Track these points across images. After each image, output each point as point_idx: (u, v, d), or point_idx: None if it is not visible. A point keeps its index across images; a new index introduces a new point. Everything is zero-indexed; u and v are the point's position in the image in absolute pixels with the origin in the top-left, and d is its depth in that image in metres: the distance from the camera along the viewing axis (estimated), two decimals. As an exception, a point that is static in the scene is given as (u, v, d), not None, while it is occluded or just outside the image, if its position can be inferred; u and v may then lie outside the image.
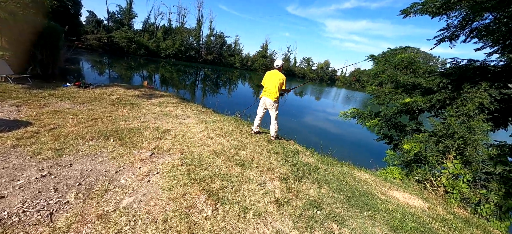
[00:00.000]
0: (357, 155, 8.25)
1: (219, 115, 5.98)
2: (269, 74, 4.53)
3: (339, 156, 5.81)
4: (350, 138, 11.09)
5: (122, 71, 19.80)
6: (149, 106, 5.48)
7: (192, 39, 47.84)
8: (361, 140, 11.21)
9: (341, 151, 7.64)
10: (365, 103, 30.26)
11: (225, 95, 16.42)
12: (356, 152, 8.74)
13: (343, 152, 7.59)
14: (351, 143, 10.07)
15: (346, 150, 8.44)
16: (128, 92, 6.75)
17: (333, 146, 8.62)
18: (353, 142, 10.43)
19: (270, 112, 4.58)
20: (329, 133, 11.29)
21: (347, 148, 9.12)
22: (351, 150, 8.94)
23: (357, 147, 9.73)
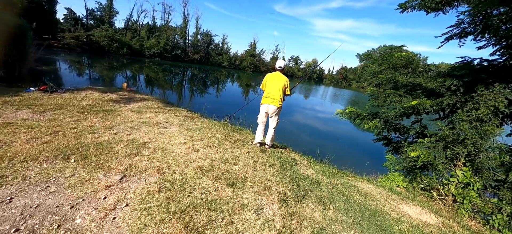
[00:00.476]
0: (352, 156, 8.01)
1: (207, 121, 5.43)
2: (271, 77, 4.02)
3: (336, 161, 5.46)
4: (342, 137, 10.91)
5: (103, 72, 18.56)
6: (126, 113, 4.82)
7: (178, 37, 46.37)
8: (354, 139, 11.05)
9: (336, 152, 7.33)
10: (352, 101, 30.60)
11: (213, 95, 15.78)
12: (351, 153, 8.50)
13: (338, 153, 7.28)
14: (344, 142, 9.86)
15: (340, 151, 8.16)
16: (103, 96, 6.02)
17: (327, 147, 8.36)
18: (346, 141, 10.24)
19: (271, 120, 4.10)
20: (321, 132, 11.03)
21: (341, 148, 8.87)
22: (346, 150, 8.69)
23: (350, 146, 9.52)
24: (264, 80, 4.06)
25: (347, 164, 5.96)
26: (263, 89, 4.13)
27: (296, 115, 13.39)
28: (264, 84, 4.06)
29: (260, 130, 4.20)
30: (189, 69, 35.65)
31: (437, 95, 3.97)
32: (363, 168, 6.48)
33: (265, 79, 4.06)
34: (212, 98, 14.02)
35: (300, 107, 17.13)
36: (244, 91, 21.37)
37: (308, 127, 11.57)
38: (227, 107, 11.97)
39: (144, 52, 39.16)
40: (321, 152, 6.59)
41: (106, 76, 16.61)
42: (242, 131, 5.30)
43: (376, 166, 6.99)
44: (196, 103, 10.78)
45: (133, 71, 23.44)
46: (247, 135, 5.07)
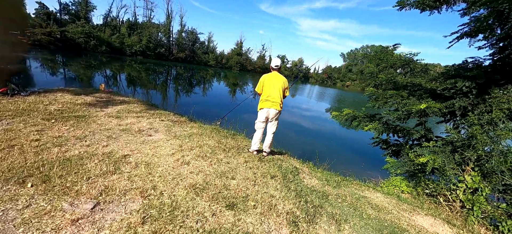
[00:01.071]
0: (345, 157, 7.86)
1: (196, 126, 4.94)
2: (270, 78, 3.63)
3: (334, 164, 5.20)
4: (330, 135, 10.82)
5: (80, 71, 17.20)
6: (103, 118, 4.21)
7: (162, 35, 44.66)
8: (342, 137, 11.00)
9: (329, 154, 7.12)
10: (338, 100, 31.07)
11: (201, 96, 15.13)
12: (343, 153, 8.36)
13: (331, 155, 7.07)
14: (335, 142, 9.74)
15: (333, 152, 7.98)
16: (76, 99, 5.31)
17: (318, 147, 8.15)
18: (336, 140, 10.13)
19: (270, 125, 3.72)
20: (311, 131, 10.88)
21: (333, 148, 8.72)
22: (338, 151, 8.54)
23: (342, 146, 9.40)
24: (261, 82, 3.67)
25: (344, 167, 5.74)
26: (259, 92, 3.73)
27: (285, 114, 13.13)
28: (261, 86, 3.67)
29: (258, 136, 3.81)
30: (173, 68, 34.38)
31: (443, 98, 3.83)
32: (361, 171, 6.32)
33: (262, 81, 3.66)
34: (199, 99, 13.41)
35: (288, 107, 16.94)
36: (233, 91, 20.86)
37: (297, 126, 11.38)
38: (217, 108, 11.49)
39: (125, 50, 37.25)
40: (314, 154, 6.34)
41: (83, 75, 15.36)
42: (236, 136, 4.87)
43: (372, 167, 6.88)
44: (183, 105, 10.16)
45: (113, 70, 22.06)
46: (241, 140, 4.66)
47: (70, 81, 12.51)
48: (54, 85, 8.87)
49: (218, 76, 35.78)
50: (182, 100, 12.32)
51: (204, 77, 29.61)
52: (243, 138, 4.93)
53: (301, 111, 16.18)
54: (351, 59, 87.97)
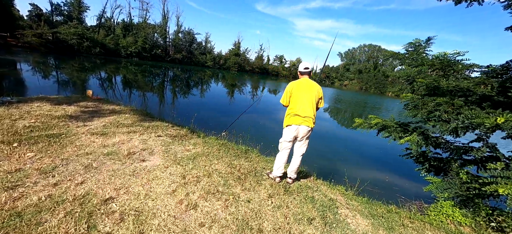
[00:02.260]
0: (360, 163, 7.05)
1: (200, 142, 4.09)
2: (299, 87, 2.81)
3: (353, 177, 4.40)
4: (332, 135, 9.97)
5: (73, 74, 16.21)
6: (84, 137, 3.35)
7: (158, 36, 43.63)
8: (349, 139, 10.14)
9: (343, 161, 6.32)
10: (336, 99, 30.32)
11: (200, 99, 14.24)
12: (355, 158, 7.54)
13: (345, 162, 6.27)
14: (339, 143, 8.88)
15: (345, 157, 7.17)
16: (54, 111, 4.43)
17: (326, 152, 7.30)
18: (340, 141, 9.26)
19: (299, 145, 2.92)
20: (324, 136, 9.99)
21: (342, 152, 7.87)
22: (348, 155, 7.70)
23: (349, 147, 8.56)
24: (288, 92, 2.84)
25: (367, 181, 4.95)
26: (285, 104, 2.91)
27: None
28: (288, 97, 2.84)
29: (282, 160, 2.99)
30: (170, 70, 33.40)
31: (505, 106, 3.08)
32: (388, 188, 5.54)
33: (289, 90, 2.84)
34: (199, 104, 12.52)
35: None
36: (233, 93, 19.99)
37: None
38: (219, 114, 10.62)
39: (120, 52, 36.20)
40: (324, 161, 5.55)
41: (76, 78, 14.38)
42: (249, 154, 4.04)
43: (398, 180, 6.10)
44: (182, 111, 9.27)
45: (108, 72, 21.07)
46: (256, 159, 3.83)
47: (62, 85, 11.56)
48: (43, 90, 7.96)
49: (217, 77, 34.85)
50: (180, 105, 11.44)
51: (202, 79, 28.69)
52: (257, 155, 4.10)
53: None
54: (349, 58, 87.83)
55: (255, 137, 5.51)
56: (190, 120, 5.99)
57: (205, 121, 7.72)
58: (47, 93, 7.00)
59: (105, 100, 6.29)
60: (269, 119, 10.80)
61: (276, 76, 64.75)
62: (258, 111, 12.30)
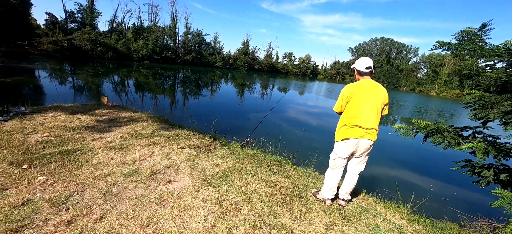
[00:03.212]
0: (392, 166, 6.35)
1: (228, 152, 3.63)
2: (361, 89, 2.23)
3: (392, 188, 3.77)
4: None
5: (88, 79, 16.33)
6: (101, 153, 2.96)
7: (168, 38, 43.94)
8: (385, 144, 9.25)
9: (381, 167, 5.65)
10: None
11: (214, 101, 13.88)
12: (385, 161, 6.82)
13: (378, 169, 5.60)
14: (383, 155, 8.09)
15: (384, 164, 6.49)
16: (69, 121, 4.11)
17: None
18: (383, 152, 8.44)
19: (356, 162, 2.40)
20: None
21: (379, 159, 7.17)
22: (387, 161, 6.99)
23: (386, 153, 7.78)
24: (345, 96, 2.28)
25: (411, 192, 4.31)
26: (339, 111, 2.37)
27: (313, 119, 11.65)
28: (345, 102, 2.29)
29: (335, 180, 2.46)
30: (181, 72, 33.45)
31: None
32: (436, 198, 4.86)
33: (348, 94, 2.26)
34: (214, 106, 12.13)
35: (307, 106, 15.44)
36: (245, 93, 19.52)
37: (328, 133, 9.78)
38: (236, 116, 10.12)
39: (132, 55, 36.71)
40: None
41: (91, 83, 14.42)
42: (283, 166, 3.54)
43: (442, 189, 5.39)
44: (198, 115, 8.88)
45: (121, 76, 21.20)
46: (293, 172, 3.32)
47: (77, 91, 11.54)
48: (59, 98, 7.85)
49: (227, 77, 34.57)
50: (196, 109, 11.09)
51: (211, 79, 28.45)
52: (293, 167, 3.59)
53: (322, 111, 14.67)
54: (360, 53, 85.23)
55: (280, 142, 4.99)
56: (211, 125, 5.56)
57: (223, 125, 7.29)
58: (64, 100, 6.81)
59: (121, 107, 5.97)
60: (286, 120, 10.22)
61: (285, 74, 63.81)
62: (273, 111, 11.77)
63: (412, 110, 20.94)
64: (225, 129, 6.66)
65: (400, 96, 37.89)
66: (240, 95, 18.12)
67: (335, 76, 77.59)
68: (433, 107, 25.07)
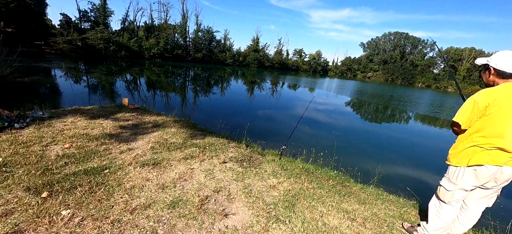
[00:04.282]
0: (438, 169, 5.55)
1: (279, 170, 3.02)
2: (509, 99, 1.53)
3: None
4: (369, 132, 8.27)
5: (102, 78, 16.19)
6: (133, 172, 2.42)
7: (178, 36, 43.83)
8: (379, 133, 8.32)
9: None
10: (358, 91, 27.62)
11: (231, 99, 13.31)
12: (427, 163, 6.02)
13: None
14: (384, 140, 7.19)
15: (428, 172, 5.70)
16: (91, 128, 3.62)
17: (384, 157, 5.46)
18: (383, 138, 7.53)
19: (485, 195, 1.73)
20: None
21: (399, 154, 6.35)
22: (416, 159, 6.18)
23: (402, 147, 6.93)
24: (483, 105, 1.59)
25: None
26: (466, 125, 1.69)
27: (341, 120, 10.85)
28: (476, 112, 1.61)
29: (450, 217, 1.81)
30: (192, 70, 33.19)
31: None
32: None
33: (486, 101, 1.58)
34: (234, 105, 11.55)
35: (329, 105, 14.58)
36: (249, 89, 18.87)
37: (367, 137, 8.96)
38: (260, 118, 9.40)
39: (144, 54, 36.81)
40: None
41: (105, 82, 14.21)
42: (346, 184, 2.90)
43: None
44: (221, 115, 8.30)
45: (134, 74, 21.05)
46: (361, 194, 2.68)
47: (92, 90, 11.27)
48: (76, 99, 7.49)
49: (239, 75, 34.02)
50: (215, 108, 10.56)
51: (222, 77, 27.95)
52: (357, 186, 2.94)
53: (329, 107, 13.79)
54: (372, 48, 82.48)
55: (314, 150, 4.36)
56: (237, 129, 4.98)
57: (255, 129, 6.59)
58: (81, 100, 6.43)
59: (143, 109, 5.48)
60: (309, 122, 9.49)
61: (295, 71, 62.60)
62: (277, 107, 11.07)
63: (427, 106, 19.70)
64: (251, 131, 6.05)
65: (415, 92, 36.17)
66: (253, 93, 17.49)
67: (346, 72, 75.62)
68: (450, 105, 23.60)
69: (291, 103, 14.11)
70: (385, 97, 23.34)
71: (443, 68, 64.33)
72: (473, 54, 58.08)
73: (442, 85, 58.16)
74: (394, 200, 2.85)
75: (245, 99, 13.76)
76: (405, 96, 27.71)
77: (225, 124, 6.13)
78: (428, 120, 13.56)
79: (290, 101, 15.09)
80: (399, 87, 45.30)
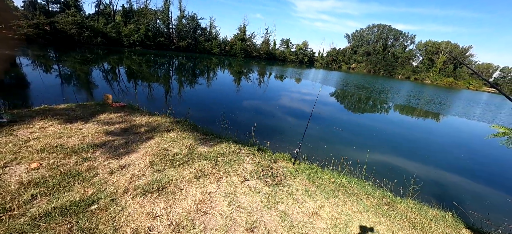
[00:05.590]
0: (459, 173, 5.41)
1: (311, 187, 2.52)
2: None
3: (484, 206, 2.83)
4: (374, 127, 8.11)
5: (76, 67, 14.50)
6: (133, 205, 1.78)
7: (160, 22, 41.17)
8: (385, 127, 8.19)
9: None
10: (344, 82, 27.92)
11: (224, 92, 12.51)
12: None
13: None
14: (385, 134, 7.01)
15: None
16: (67, 134, 2.85)
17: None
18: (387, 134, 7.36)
19: None
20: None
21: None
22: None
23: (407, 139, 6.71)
24: None
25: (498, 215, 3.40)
26: None
27: (341, 116, 10.55)
28: None
29: None
30: (176, 59, 31.45)
31: None
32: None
33: None
34: (235, 99, 10.79)
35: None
36: (235, 80, 18.16)
37: (370, 133, 8.70)
38: (258, 113, 8.71)
39: (123, 41, 34.16)
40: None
41: (79, 73, 12.69)
42: (387, 200, 2.47)
43: None
44: (227, 113, 7.57)
45: (112, 63, 19.33)
46: (405, 210, 2.27)
47: (65, 81, 9.92)
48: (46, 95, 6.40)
49: (226, 65, 32.83)
50: (211, 101, 9.76)
51: (208, 66, 26.72)
52: (400, 201, 2.53)
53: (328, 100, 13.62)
54: (356, 40, 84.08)
55: (330, 154, 3.93)
56: (250, 133, 4.42)
57: (252, 127, 5.92)
58: (52, 96, 5.43)
59: (131, 107, 4.66)
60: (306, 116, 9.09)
61: (283, 62, 62.18)
62: (274, 101, 10.59)
63: (405, 98, 20.39)
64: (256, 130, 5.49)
65: (395, 84, 37.50)
66: (240, 85, 16.77)
67: (331, 63, 76.72)
68: (427, 95, 24.70)
69: (287, 96, 13.65)
70: (372, 89, 23.73)
71: (421, 60, 67.31)
72: (449, 47, 61.30)
73: (420, 77, 60.99)
74: (441, 217, 2.48)
75: (241, 92, 13.04)
76: (386, 87, 28.44)
77: (227, 121, 5.51)
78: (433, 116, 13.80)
79: (286, 94, 14.62)
80: (381, 79, 46.64)
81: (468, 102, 23.86)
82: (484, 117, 15.19)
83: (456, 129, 11.03)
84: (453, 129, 11.00)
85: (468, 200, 4.06)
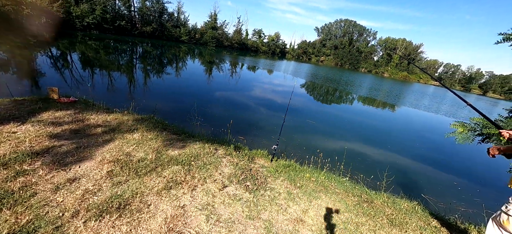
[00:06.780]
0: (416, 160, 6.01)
1: (292, 188, 2.41)
2: None
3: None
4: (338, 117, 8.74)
5: (14, 52, 12.09)
6: (82, 227, 1.44)
7: (120, 4, 37.13)
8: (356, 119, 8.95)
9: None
10: (313, 75, 29.24)
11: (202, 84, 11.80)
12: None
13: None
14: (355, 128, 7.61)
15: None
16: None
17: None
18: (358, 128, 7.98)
19: None
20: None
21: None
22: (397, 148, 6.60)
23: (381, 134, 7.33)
24: None
25: (445, 197, 3.86)
26: None
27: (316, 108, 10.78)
28: None
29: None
30: (140, 46, 28.86)
31: None
32: (475, 205, 4.55)
33: None
34: (206, 91, 10.21)
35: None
36: (207, 69, 17.57)
37: (345, 125, 9.05)
38: (235, 107, 8.39)
39: (74, 23, 30.05)
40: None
41: (18, 59, 10.65)
42: (378, 202, 2.51)
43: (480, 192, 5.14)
44: (199, 107, 7.02)
45: (62, 49, 16.86)
46: (383, 206, 2.33)
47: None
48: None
49: (196, 54, 31.25)
50: (180, 93, 9.07)
51: (177, 55, 25.11)
52: (376, 196, 2.59)
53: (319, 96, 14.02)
54: (325, 33, 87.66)
55: (307, 147, 3.97)
56: (226, 130, 4.16)
57: (222, 120, 5.59)
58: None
59: (84, 103, 3.98)
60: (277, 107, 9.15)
61: (255, 52, 61.86)
62: (237, 90, 10.48)
63: (367, 90, 22.20)
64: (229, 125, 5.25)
65: (359, 77, 40.43)
66: (212, 75, 16.17)
67: (302, 55, 78.90)
68: (385, 88, 27.25)
69: (260, 87, 13.51)
70: (338, 81, 25.05)
71: (381, 55, 73.36)
72: (405, 44, 67.99)
73: (380, 71, 66.60)
74: (411, 210, 2.62)
75: (214, 84, 12.46)
76: (351, 80, 30.38)
77: (199, 117, 5.14)
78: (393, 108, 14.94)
79: (259, 85, 14.46)
80: (347, 72, 49.70)
81: (419, 94, 26.88)
82: (430, 108, 17.23)
83: (409, 118, 12.31)
84: (407, 118, 12.24)
85: (427, 187, 4.47)
